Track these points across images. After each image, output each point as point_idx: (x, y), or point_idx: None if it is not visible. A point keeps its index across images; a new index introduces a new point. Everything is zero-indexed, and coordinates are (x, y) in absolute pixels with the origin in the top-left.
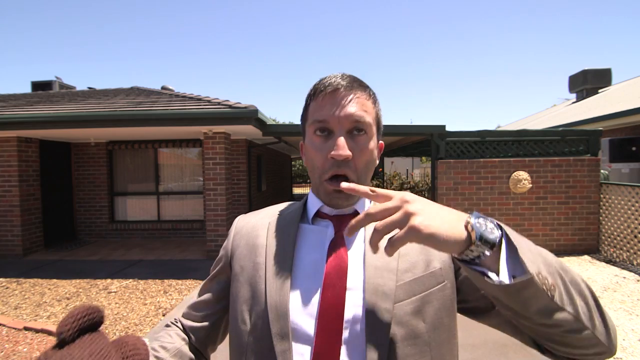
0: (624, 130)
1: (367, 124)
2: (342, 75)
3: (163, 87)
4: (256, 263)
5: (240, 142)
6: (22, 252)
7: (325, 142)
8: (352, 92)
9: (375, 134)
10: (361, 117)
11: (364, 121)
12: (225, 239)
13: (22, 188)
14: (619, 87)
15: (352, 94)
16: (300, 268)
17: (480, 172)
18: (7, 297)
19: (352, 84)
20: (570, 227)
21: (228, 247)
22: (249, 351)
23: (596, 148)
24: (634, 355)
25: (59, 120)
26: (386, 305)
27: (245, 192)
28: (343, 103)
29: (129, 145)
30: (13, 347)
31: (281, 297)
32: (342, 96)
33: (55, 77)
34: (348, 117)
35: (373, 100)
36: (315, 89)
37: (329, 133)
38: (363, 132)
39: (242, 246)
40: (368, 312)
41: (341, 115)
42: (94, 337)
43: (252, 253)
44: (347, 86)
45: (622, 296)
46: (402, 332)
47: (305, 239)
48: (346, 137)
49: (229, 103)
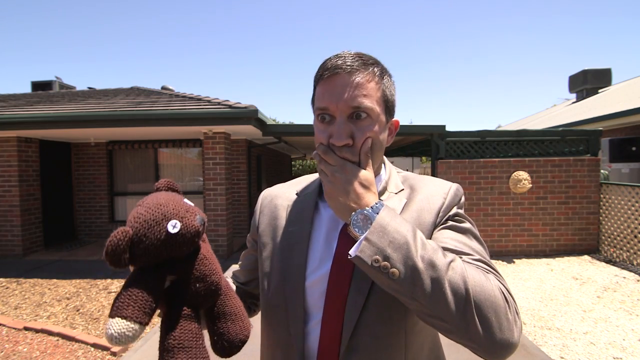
0: (624, 130)
1: (367, 108)
2: (345, 55)
3: (163, 87)
4: (276, 243)
5: (240, 142)
6: (22, 252)
7: (327, 127)
8: (352, 75)
9: (382, 113)
10: (360, 103)
11: (364, 106)
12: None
13: (22, 188)
14: (619, 87)
15: (352, 77)
16: (314, 250)
17: (480, 172)
18: (7, 297)
19: (353, 64)
20: (570, 227)
21: (255, 224)
22: (269, 316)
23: (596, 148)
24: (634, 355)
25: (59, 120)
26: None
27: (245, 192)
28: (341, 90)
29: (129, 145)
30: (13, 347)
31: (296, 278)
32: (341, 81)
33: (55, 77)
34: (346, 104)
35: (379, 78)
36: (318, 73)
37: (331, 118)
38: (365, 116)
39: (265, 224)
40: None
41: (339, 103)
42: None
43: (273, 233)
44: (347, 69)
45: (622, 296)
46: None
47: (320, 223)
48: (347, 122)
49: (229, 103)
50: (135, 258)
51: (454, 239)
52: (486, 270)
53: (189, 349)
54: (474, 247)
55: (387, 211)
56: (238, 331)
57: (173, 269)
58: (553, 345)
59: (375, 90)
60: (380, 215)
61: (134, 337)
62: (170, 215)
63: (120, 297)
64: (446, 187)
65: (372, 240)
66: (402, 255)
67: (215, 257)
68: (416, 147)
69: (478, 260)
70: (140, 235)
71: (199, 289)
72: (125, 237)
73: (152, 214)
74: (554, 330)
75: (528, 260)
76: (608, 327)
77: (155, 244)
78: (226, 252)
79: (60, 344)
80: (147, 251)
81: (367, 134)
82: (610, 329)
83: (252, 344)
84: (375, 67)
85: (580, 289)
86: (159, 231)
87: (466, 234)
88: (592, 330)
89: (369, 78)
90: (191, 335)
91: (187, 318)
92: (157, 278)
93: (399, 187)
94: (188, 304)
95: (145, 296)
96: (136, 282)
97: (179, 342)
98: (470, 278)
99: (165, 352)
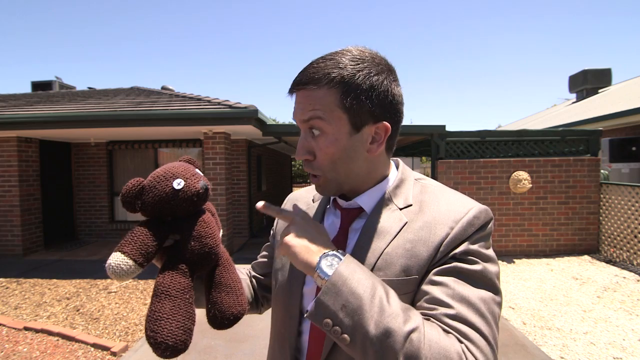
0: (624, 130)
1: (319, 122)
2: (314, 63)
3: (163, 87)
4: None
5: (240, 142)
6: (22, 252)
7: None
8: (303, 89)
9: (347, 126)
10: (309, 118)
11: (315, 120)
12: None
13: (22, 188)
14: (619, 87)
15: (303, 92)
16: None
17: (480, 172)
18: (7, 297)
19: (305, 77)
20: (570, 227)
21: (275, 225)
22: (274, 310)
23: (596, 148)
24: (634, 355)
25: (59, 120)
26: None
27: (245, 192)
28: (296, 105)
29: (129, 145)
30: (13, 347)
31: (297, 281)
32: (298, 97)
33: (55, 77)
34: (299, 119)
35: (343, 87)
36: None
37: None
38: (318, 133)
39: (281, 223)
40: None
41: (296, 118)
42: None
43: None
44: (300, 84)
45: (622, 296)
46: None
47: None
48: (308, 137)
49: (229, 103)
50: (145, 207)
51: (447, 288)
52: (460, 335)
53: (174, 298)
54: (471, 299)
55: (345, 264)
56: (231, 304)
57: (176, 228)
58: (553, 345)
59: (332, 100)
60: (337, 271)
61: (127, 271)
62: (177, 175)
63: (125, 237)
64: (461, 212)
65: (325, 302)
66: (354, 322)
67: (217, 228)
68: (416, 147)
69: (460, 319)
70: (151, 186)
71: (194, 247)
72: (138, 184)
73: (164, 172)
74: (554, 330)
75: (528, 260)
76: (608, 327)
77: (161, 195)
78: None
79: (60, 344)
80: (154, 201)
81: (324, 149)
82: (610, 329)
83: (252, 344)
84: (345, 71)
85: (580, 289)
86: (166, 185)
87: (471, 280)
88: (592, 330)
89: (325, 92)
90: (180, 287)
91: (180, 272)
92: (160, 231)
93: (407, 201)
94: (184, 261)
95: (146, 240)
96: (141, 228)
97: (166, 290)
98: (427, 350)
99: (154, 297)
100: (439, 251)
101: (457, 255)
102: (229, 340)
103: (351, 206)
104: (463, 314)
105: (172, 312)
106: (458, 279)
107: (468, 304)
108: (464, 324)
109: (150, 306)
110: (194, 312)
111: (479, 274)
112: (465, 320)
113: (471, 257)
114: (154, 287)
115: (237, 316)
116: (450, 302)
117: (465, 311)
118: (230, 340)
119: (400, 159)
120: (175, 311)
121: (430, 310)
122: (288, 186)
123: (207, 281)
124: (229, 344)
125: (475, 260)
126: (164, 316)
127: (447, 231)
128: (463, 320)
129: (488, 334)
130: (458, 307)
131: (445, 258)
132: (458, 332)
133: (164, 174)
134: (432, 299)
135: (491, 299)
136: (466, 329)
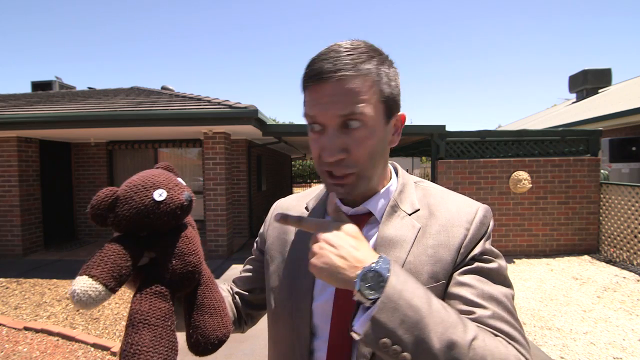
0: (624, 130)
1: (360, 114)
2: (330, 54)
3: (163, 87)
4: (285, 258)
5: (240, 142)
6: (22, 252)
7: (319, 136)
8: (339, 81)
9: (382, 116)
10: (351, 112)
11: (356, 113)
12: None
13: (22, 188)
14: (619, 87)
15: (339, 83)
16: None
17: (480, 172)
18: (7, 297)
19: (337, 66)
20: (570, 227)
21: (263, 234)
22: (275, 330)
23: (596, 148)
24: (634, 355)
25: (59, 120)
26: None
27: (245, 192)
28: (329, 98)
29: (129, 145)
30: (13, 347)
31: (304, 298)
32: (327, 88)
33: (55, 77)
34: (335, 114)
35: (375, 76)
36: (303, 77)
37: (322, 127)
38: (358, 125)
39: (273, 237)
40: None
41: (328, 113)
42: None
43: (282, 247)
44: (332, 73)
45: (622, 296)
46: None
47: None
48: (339, 134)
49: (229, 103)
50: (119, 221)
51: (474, 289)
52: (506, 337)
53: (154, 327)
54: (498, 296)
55: (396, 275)
56: (215, 327)
57: (154, 244)
58: (553, 345)
59: (371, 93)
60: (390, 284)
61: (96, 299)
62: (158, 185)
63: (93, 257)
64: (471, 212)
65: (381, 320)
66: (416, 337)
67: (200, 243)
68: (416, 147)
69: (498, 318)
70: (127, 197)
71: (175, 266)
72: (111, 195)
73: (143, 180)
74: (554, 330)
75: (528, 260)
76: (608, 327)
77: (139, 208)
78: (226, 252)
79: (60, 344)
80: (130, 214)
81: (363, 144)
82: (610, 329)
83: (252, 344)
84: (369, 62)
85: (580, 289)
86: (145, 196)
87: (491, 278)
88: (592, 330)
89: (362, 78)
90: (160, 314)
91: (159, 296)
92: (135, 248)
93: (414, 206)
94: (163, 283)
95: (118, 261)
96: (113, 246)
97: (145, 318)
98: (490, 358)
99: (130, 327)
100: (460, 253)
101: (477, 256)
102: (229, 340)
103: (358, 212)
104: (499, 312)
105: (153, 344)
106: (481, 277)
107: (497, 302)
108: (503, 323)
109: (125, 338)
110: (176, 342)
111: (496, 271)
112: (502, 318)
113: (487, 255)
114: (129, 314)
115: (221, 340)
116: (482, 302)
117: (499, 310)
118: (230, 340)
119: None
120: (157, 342)
121: (469, 314)
122: (288, 186)
123: (187, 302)
124: (228, 344)
125: (490, 258)
126: (143, 349)
127: (464, 232)
128: (501, 319)
129: (521, 329)
130: (491, 306)
131: (466, 259)
132: (503, 334)
133: (143, 184)
134: (465, 301)
135: (510, 294)
136: (507, 328)
